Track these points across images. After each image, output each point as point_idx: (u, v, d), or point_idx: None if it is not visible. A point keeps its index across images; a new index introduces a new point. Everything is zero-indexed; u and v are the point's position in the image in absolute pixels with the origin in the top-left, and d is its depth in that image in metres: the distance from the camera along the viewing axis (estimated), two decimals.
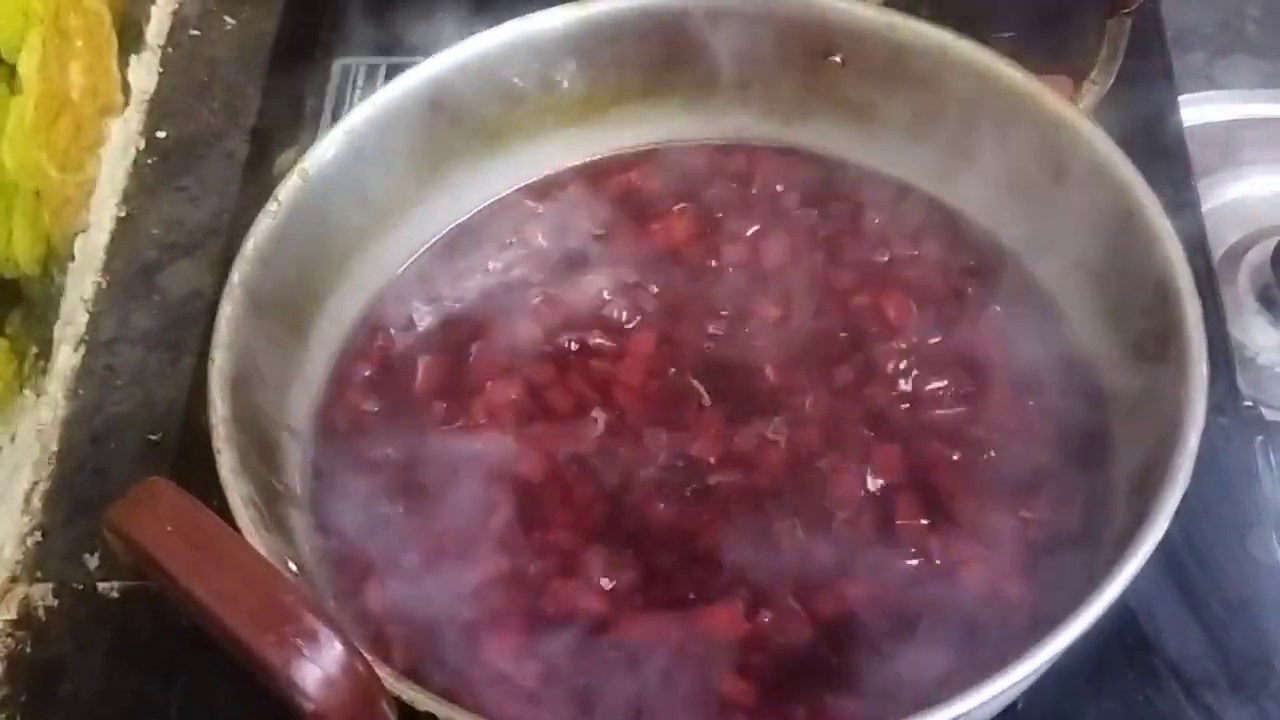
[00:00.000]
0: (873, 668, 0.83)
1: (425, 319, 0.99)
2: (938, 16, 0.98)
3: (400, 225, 1.00)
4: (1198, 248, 1.06)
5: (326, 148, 0.95)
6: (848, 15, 0.98)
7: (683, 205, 1.03)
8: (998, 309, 0.96)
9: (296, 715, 0.61)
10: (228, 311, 0.87)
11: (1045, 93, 0.94)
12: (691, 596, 0.86)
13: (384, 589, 0.87)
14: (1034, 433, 0.91)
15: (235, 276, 0.88)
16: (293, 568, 0.80)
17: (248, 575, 0.62)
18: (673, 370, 0.95)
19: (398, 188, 0.99)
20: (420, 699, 0.71)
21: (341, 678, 0.61)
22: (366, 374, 0.96)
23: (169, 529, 0.63)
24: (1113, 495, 0.86)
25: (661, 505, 0.89)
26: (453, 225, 1.03)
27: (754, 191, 1.04)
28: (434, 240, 1.02)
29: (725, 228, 1.02)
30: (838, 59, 1.00)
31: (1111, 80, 0.95)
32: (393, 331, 0.98)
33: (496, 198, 1.04)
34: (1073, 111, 0.93)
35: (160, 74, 1.34)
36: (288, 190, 0.92)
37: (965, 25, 0.97)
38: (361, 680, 0.62)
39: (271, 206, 0.91)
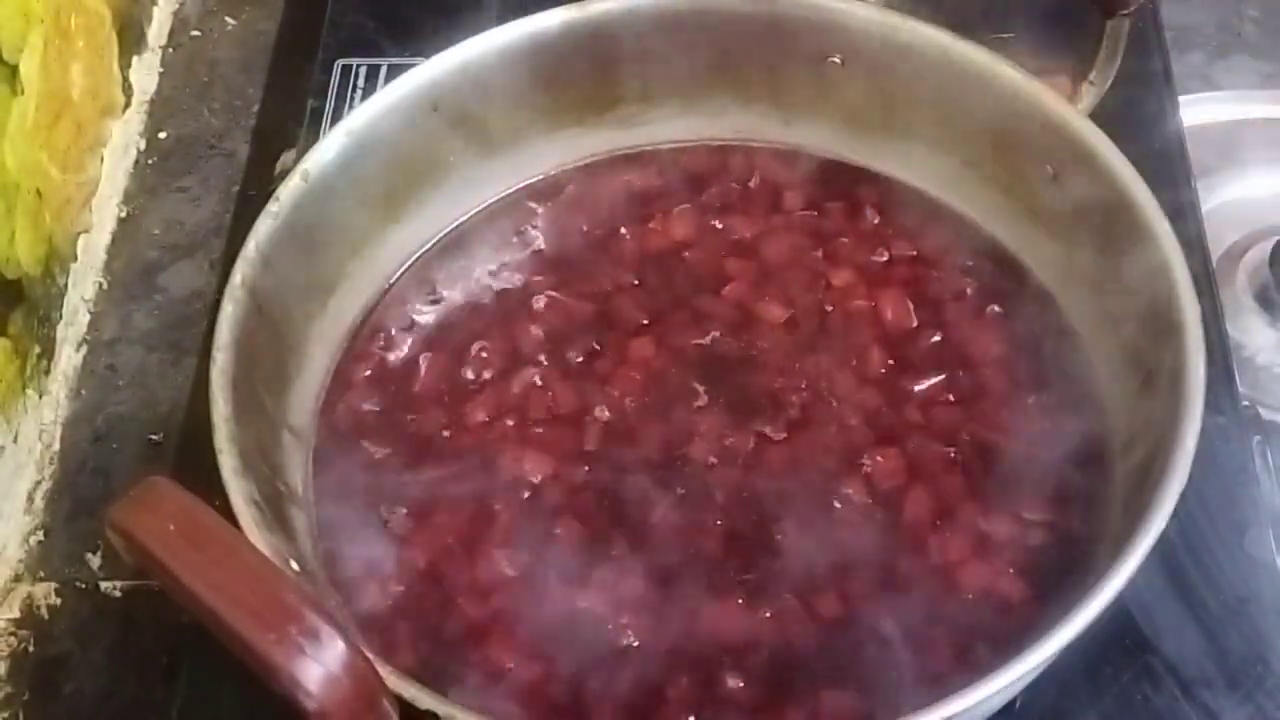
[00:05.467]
0: (872, 666, 0.83)
1: (426, 319, 0.99)
2: (937, 17, 0.98)
3: (401, 225, 1.00)
4: (1196, 248, 1.06)
5: (327, 148, 0.95)
6: (848, 16, 0.99)
7: (682, 206, 1.03)
8: (996, 309, 0.96)
9: (299, 713, 0.61)
10: (229, 311, 0.87)
11: (1044, 93, 0.94)
12: (692, 595, 0.86)
13: (385, 587, 0.87)
14: (1032, 432, 0.91)
15: (237, 277, 0.88)
16: (294, 566, 0.80)
17: (250, 574, 0.62)
18: (673, 371, 0.95)
19: (398, 188, 0.99)
20: (422, 697, 0.72)
21: (343, 676, 0.61)
22: (367, 374, 0.96)
23: (171, 528, 0.63)
24: (1111, 494, 0.86)
25: (662, 504, 0.90)
26: (453, 225, 1.03)
27: (754, 191, 1.04)
28: (434, 240, 1.02)
29: (725, 228, 1.02)
30: (837, 59, 1.00)
31: (1110, 81, 0.95)
32: (393, 331, 0.98)
33: (496, 198, 1.04)
34: (1071, 112, 0.93)
35: (161, 74, 1.35)
36: (289, 191, 0.93)
37: (965, 25, 0.98)
38: (363, 678, 0.62)
39: (273, 207, 0.92)
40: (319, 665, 0.60)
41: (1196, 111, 1.24)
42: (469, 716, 0.73)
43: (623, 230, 1.03)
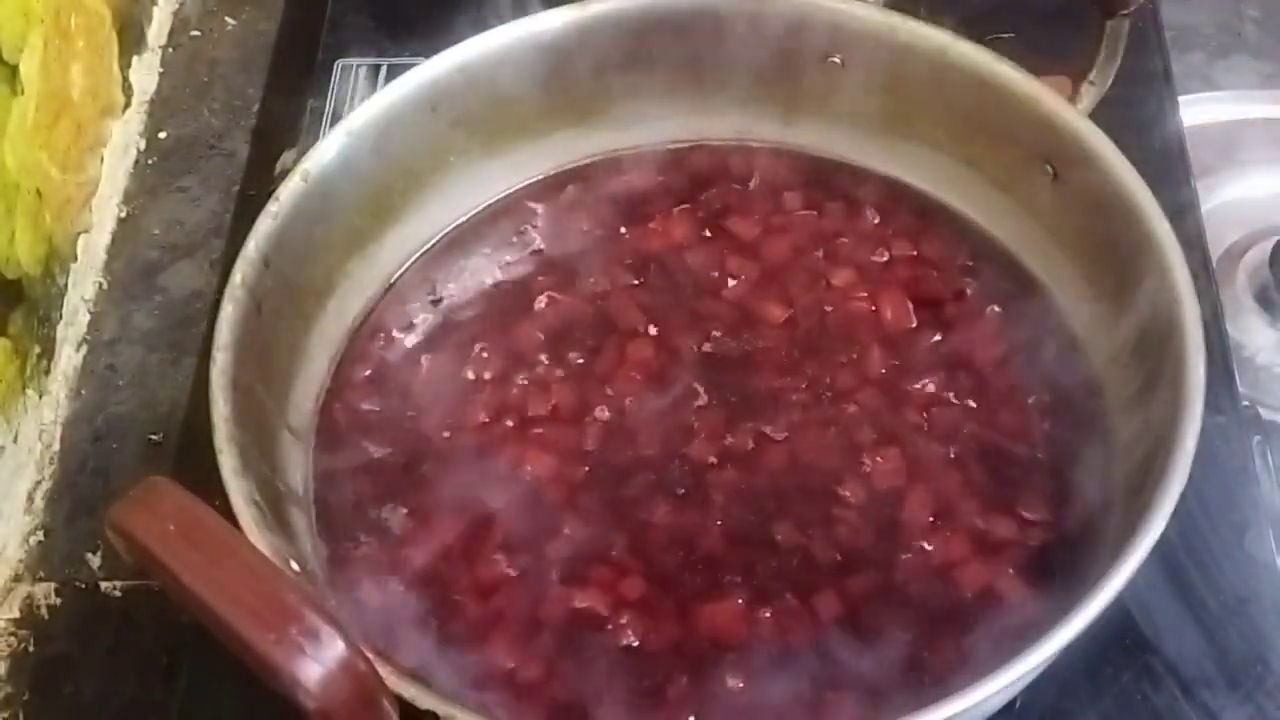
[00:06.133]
0: (871, 666, 0.83)
1: (426, 319, 0.99)
2: (937, 17, 0.98)
3: (401, 226, 1.00)
4: (1196, 248, 1.06)
5: (327, 148, 0.95)
6: (848, 16, 0.99)
7: (682, 206, 1.03)
8: (996, 309, 0.96)
9: (299, 713, 0.61)
10: (229, 312, 0.87)
11: (1044, 94, 0.94)
12: (692, 595, 0.86)
13: (385, 588, 0.87)
14: (1033, 432, 0.91)
15: (237, 277, 0.88)
16: (294, 566, 0.80)
17: (249, 573, 0.62)
18: (673, 370, 0.95)
19: (398, 188, 0.99)
20: (422, 697, 0.72)
21: (343, 675, 0.61)
22: (367, 374, 0.96)
23: (171, 528, 0.63)
24: (1111, 494, 0.86)
25: (662, 504, 0.90)
26: (453, 226, 1.03)
27: (754, 191, 1.04)
28: (434, 241, 1.02)
29: (725, 228, 1.02)
30: (838, 60, 1.00)
31: (1110, 81, 0.95)
32: (393, 331, 0.98)
33: (496, 198, 1.04)
34: (1071, 112, 0.93)
35: (161, 74, 1.35)
36: (289, 191, 0.92)
37: (965, 26, 0.98)
38: (363, 678, 0.62)
39: (272, 207, 0.92)
40: (319, 665, 0.60)
41: (1196, 111, 1.24)
42: (469, 716, 0.73)
43: (623, 230, 1.03)
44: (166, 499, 0.64)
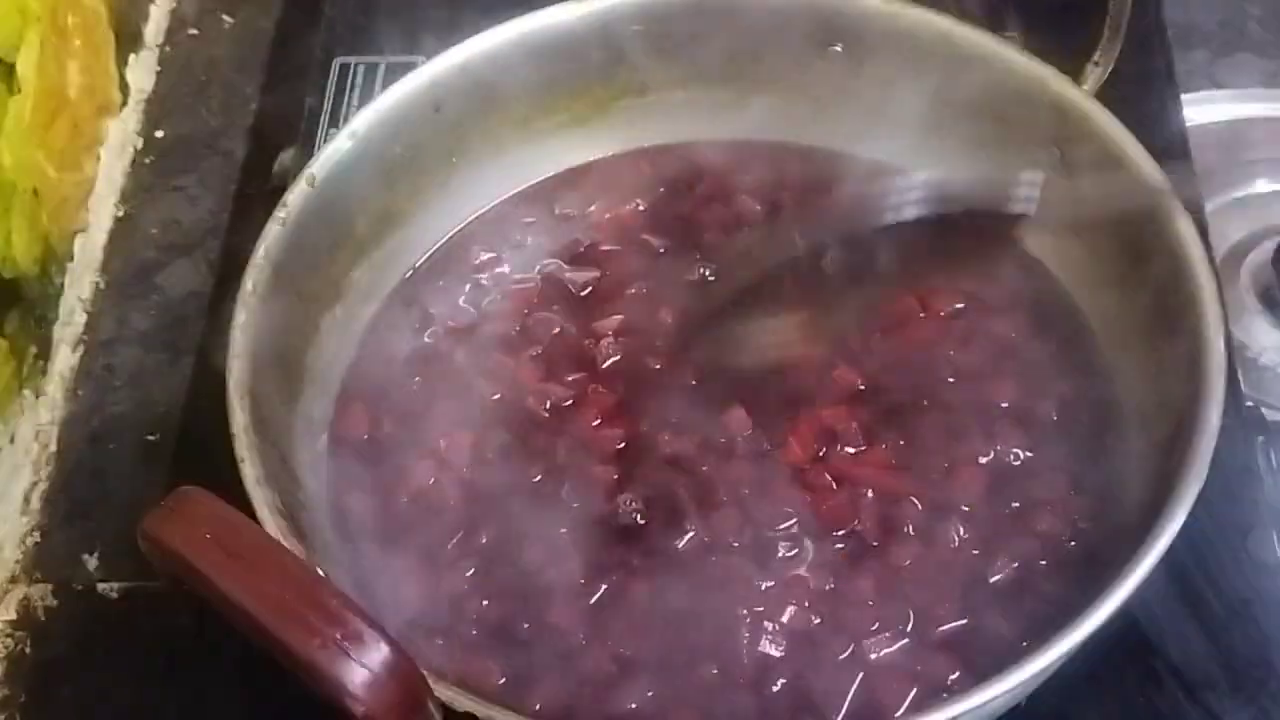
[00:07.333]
0: (876, 667, 0.83)
1: (431, 323, 0.99)
2: (938, 7, 0.98)
3: (405, 228, 1.00)
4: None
5: (334, 153, 0.95)
6: (849, 4, 0.99)
7: (684, 205, 1.03)
8: (1007, 305, 0.96)
9: (345, 717, 0.61)
10: (242, 319, 0.86)
11: (1051, 76, 0.94)
12: (692, 598, 0.86)
13: (398, 591, 0.86)
14: (1046, 431, 0.91)
15: (249, 284, 0.88)
16: (321, 574, 0.80)
17: (290, 580, 0.62)
18: (673, 371, 0.95)
19: (403, 191, 0.99)
20: (459, 699, 0.71)
21: (389, 678, 0.61)
22: (379, 379, 0.96)
23: (207, 536, 0.63)
24: (1128, 486, 0.86)
25: (663, 505, 0.89)
26: (455, 229, 1.03)
27: (753, 190, 1.04)
28: (438, 244, 1.02)
29: (725, 227, 1.02)
30: (839, 48, 1.00)
31: (1114, 61, 0.95)
32: (403, 335, 0.98)
33: (498, 200, 1.04)
34: (1077, 93, 0.93)
35: (158, 73, 1.35)
36: (296, 196, 0.92)
37: (966, 21, 0.98)
38: (409, 680, 0.62)
39: (280, 213, 0.91)
40: (364, 669, 0.61)
41: (1200, 110, 1.24)
42: (507, 717, 0.73)
43: (623, 231, 1.02)
44: (201, 507, 0.64)
